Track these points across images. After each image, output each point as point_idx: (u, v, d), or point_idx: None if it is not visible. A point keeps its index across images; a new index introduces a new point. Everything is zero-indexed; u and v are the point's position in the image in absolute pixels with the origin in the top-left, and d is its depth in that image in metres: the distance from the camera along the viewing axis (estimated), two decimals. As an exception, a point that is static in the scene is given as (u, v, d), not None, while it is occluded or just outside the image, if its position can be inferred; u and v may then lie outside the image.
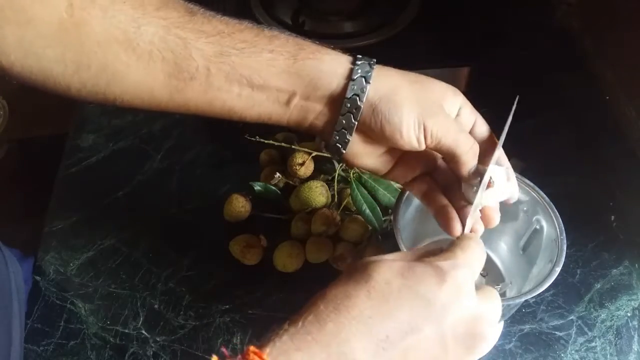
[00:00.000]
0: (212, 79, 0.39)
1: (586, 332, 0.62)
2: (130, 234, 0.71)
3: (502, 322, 0.37)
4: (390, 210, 0.63)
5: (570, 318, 0.63)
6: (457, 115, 0.44)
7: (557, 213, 0.50)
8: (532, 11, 0.95)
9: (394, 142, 0.41)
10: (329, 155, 0.67)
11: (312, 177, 0.69)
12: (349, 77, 0.39)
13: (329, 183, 0.68)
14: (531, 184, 0.52)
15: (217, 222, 0.70)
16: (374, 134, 0.41)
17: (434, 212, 0.45)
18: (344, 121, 0.40)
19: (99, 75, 0.39)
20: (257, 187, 0.69)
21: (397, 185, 0.65)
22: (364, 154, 0.43)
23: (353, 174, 0.65)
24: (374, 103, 0.39)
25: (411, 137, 0.40)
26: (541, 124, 0.81)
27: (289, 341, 0.31)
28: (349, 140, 0.41)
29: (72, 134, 0.82)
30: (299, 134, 0.74)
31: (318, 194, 0.66)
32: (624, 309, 0.63)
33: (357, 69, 0.39)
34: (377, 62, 0.41)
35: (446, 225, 0.44)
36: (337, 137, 0.41)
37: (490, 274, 0.59)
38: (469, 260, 0.37)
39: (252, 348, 0.31)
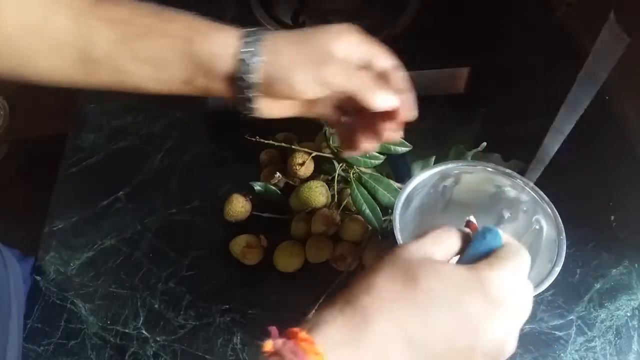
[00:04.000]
0: (118, 63, 0.43)
1: (586, 332, 0.62)
2: (130, 234, 0.71)
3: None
4: (390, 210, 0.63)
5: (570, 318, 0.63)
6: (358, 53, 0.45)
7: (557, 213, 0.50)
8: (532, 11, 0.95)
9: (297, 98, 0.44)
10: (329, 155, 0.67)
11: (312, 177, 0.69)
12: (239, 57, 0.42)
13: (329, 183, 0.68)
14: (531, 184, 0.52)
15: (217, 222, 0.70)
16: (277, 96, 0.44)
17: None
18: (240, 95, 0.44)
19: (14, 62, 0.43)
20: (257, 187, 0.69)
21: (397, 185, 0.65)
22: (277, 108, 0.46)
23: (353, 174, 0.65)
24: (266, 72, 0.42)
25: (308, 91, 0.43)
26: (541, 124, 0.80)
27: (337, 335, 0.31)
28: (252, 107, 0.45)
29: (72, 134, 0.82)
30: (299, 133, 0.74)
31: (318, 194, 0.66)
32: (624, 308, 0.63)
33: (245, 47, 0.42)
34: None
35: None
36: (242, 105, 0.45)
37: (490, 274, 0.59)
38: (515, 268, 0.36)
39: (302, 334, 0.30)
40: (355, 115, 0.49)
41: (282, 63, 0.42)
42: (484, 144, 0.64)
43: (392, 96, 0.44)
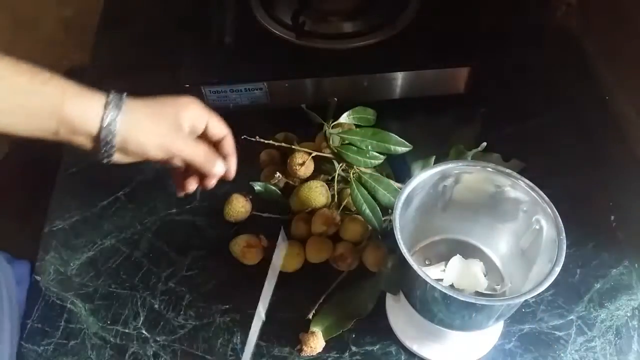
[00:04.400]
0: None
1: (586, 332, 0.62)
2: (130, 234, 0.71)
3: None
4: (390, 210, 0.63)
5: (570, 318, 0.63)
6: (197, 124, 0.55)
7: (557, 213, 0.50)
8: (532, 11, 0.95)
9: (145, 159, 0.52)
10: (329, 155, 0.67)
11: (312, 177, 0.69)
12: (101, 123, 0.49)
13: (329, 183, 0.68)
14: (531, 184, 0.52)
15: (217, 222, 0.70)
16: (131, 155, 0.52)
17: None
18: (103, 152, 0.50)
19: None
20: (257, 187, 0.69)
21: (397, 185, 0.65)
22: (131, 158, 0.53)
23: (353, 174, 0.65)
24: (123, 136, 0.50)
25: (158, 157, 0.52)
26: (541, 124, 0.81)
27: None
28: (109, 160, 0.51)
29: (72, 134, 0.81)
30: (299, 134, 0.74)
31: (318, 194, 0.66)
32: (624, 308, 0.63)
33: (107, 115, 0.49)
34: (376, 63, 0.45)
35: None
36: (100, 157, 0.51)
37: (490, 274, 0.59)
38: None
39: None
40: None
41: (137, 134, 0.50)
42: (484, 144, 0.64)
43: (223, 165, 0.56)
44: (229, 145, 0.58)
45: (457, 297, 0.46)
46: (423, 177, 0.53)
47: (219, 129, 0.57)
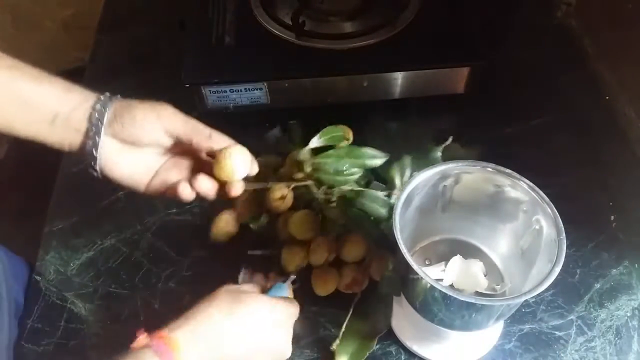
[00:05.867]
0: None
1: (586, 332, 0.62)
2: (130, 234, 0.71)
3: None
4: (383, 218, 0.63)
5: (570, 318, 0.63)
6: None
7: (557, 213, 0.50)
8: (532, 11, 0.95)
9: (137, 136, 0.49)
10: (307, 183, 0.64)
11: (294, 205, 0.65)
12: (97, 99, 0.49)
13: (313, 207, 0.64)
14: (531, 184, 0.52)
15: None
16: (120, 135, 0.49)
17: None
18: (93, 128, 0.48)
19: None
20: (253, 225, 0.67)
21: (381, 193, 0.65)
22: (118, 164, 0.51)
23: (337, 196, 0.63)
24: (115, 110, 0.49)
25: (151, 130, 0.49)
26: (541, 124, 0.81)
27: (185, 335, 0.48)
28: (98, 142, 0.49)
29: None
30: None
31: (308, 229, 0.63)
32: (624, 308, 0.63)
33: (105, 96, 0.49)
34: (376, 63, 0.44)
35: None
36: (90, 142, 0.49)
37: (490, 274, 0.59)
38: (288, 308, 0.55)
39: (164, 333, 0.48)
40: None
41: (130, 109, 0.49)
42: (451, 138, 0.66)
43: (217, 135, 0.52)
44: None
45: (457, 297, 0.46)
46: (423, 177, 0.53)
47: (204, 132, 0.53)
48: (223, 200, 0.53)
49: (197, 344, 0.47)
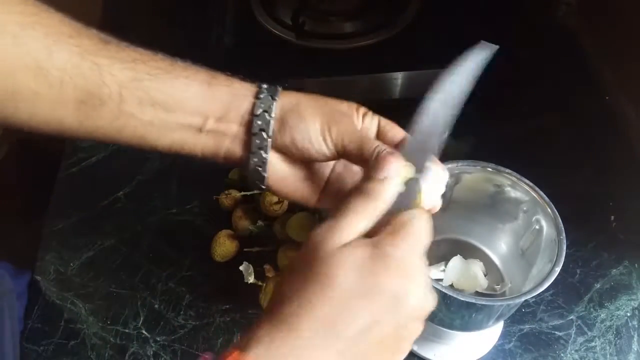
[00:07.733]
0: (124, 105, 0.39)
1: (586, 332, 0.62)
2: (130, 234, 0.71)
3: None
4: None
5: (570, 318, 0.63)
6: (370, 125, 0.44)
7: (557, 213, 0.50)
8: (532, 11, 0.95)
9: (306, 151, 0.41)
10: None
11: (290, 207, 0.66)
12: (257, 97, 0.41)
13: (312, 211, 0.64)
14: (531, 184, 0.52)
15: (217, 221, 0.70)
16: (288, 148, 0.41)
17: None
18: (257, 140, 0.40)
19: (7, 101, 0.38)
20: (252, 228, 0.67)
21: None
22: (286, 179, 0.43)
23: None
24: (281, 117, 0.40)
25: (320, 143, 0.40)
26: (541, 124, 0.81)
27: (268, 350, 0.32)
28: (266, 159, 0.41)
29: (72, 134, 0.81)
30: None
31: (307, 231, 0.62)
32: (624, 308, 0.63)
33: (264, 91, 0.41)
34: (376, 63, 0.42)
35: None
36: (255, 159, 0.41)
37: (490, 274, 0.59)
38: (411, 238, 0.35)
39: (235, 355, 0.31)
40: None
41: (300, 111, 0.41)
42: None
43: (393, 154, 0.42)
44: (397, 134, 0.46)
45: (457, 297, 0.46)
46: (423, 177, 0.53)
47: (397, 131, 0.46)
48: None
49: None
